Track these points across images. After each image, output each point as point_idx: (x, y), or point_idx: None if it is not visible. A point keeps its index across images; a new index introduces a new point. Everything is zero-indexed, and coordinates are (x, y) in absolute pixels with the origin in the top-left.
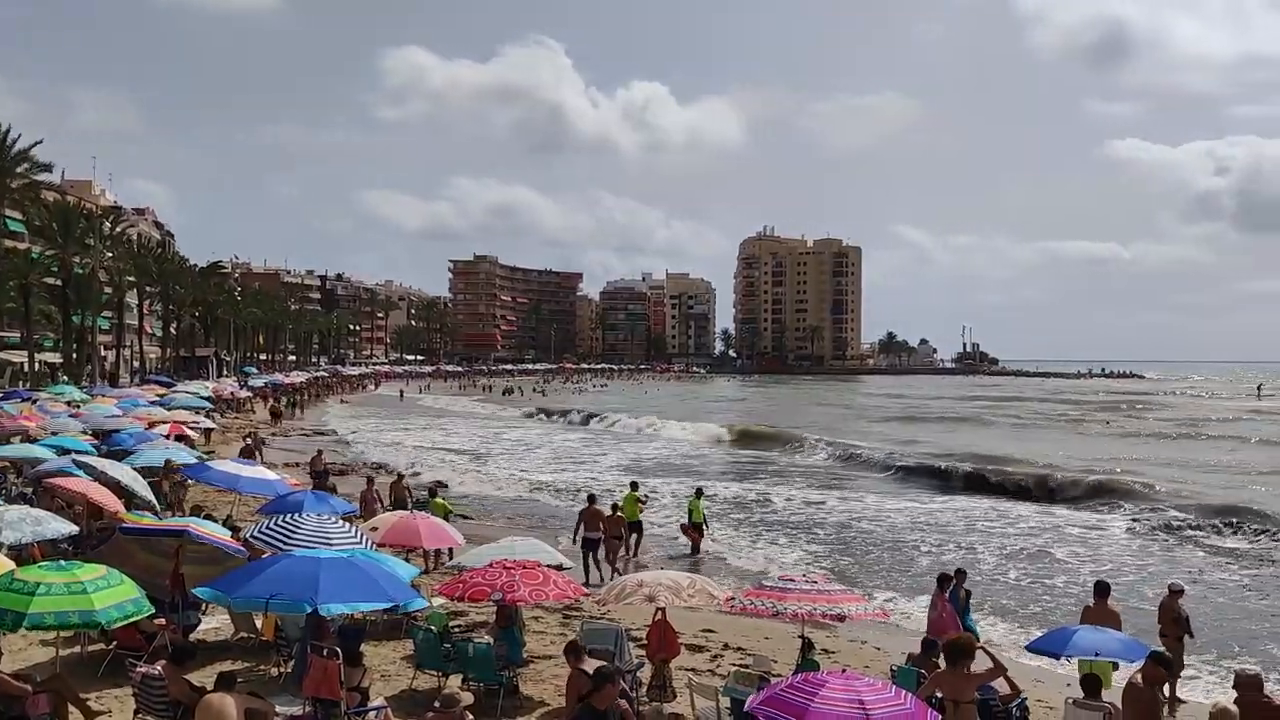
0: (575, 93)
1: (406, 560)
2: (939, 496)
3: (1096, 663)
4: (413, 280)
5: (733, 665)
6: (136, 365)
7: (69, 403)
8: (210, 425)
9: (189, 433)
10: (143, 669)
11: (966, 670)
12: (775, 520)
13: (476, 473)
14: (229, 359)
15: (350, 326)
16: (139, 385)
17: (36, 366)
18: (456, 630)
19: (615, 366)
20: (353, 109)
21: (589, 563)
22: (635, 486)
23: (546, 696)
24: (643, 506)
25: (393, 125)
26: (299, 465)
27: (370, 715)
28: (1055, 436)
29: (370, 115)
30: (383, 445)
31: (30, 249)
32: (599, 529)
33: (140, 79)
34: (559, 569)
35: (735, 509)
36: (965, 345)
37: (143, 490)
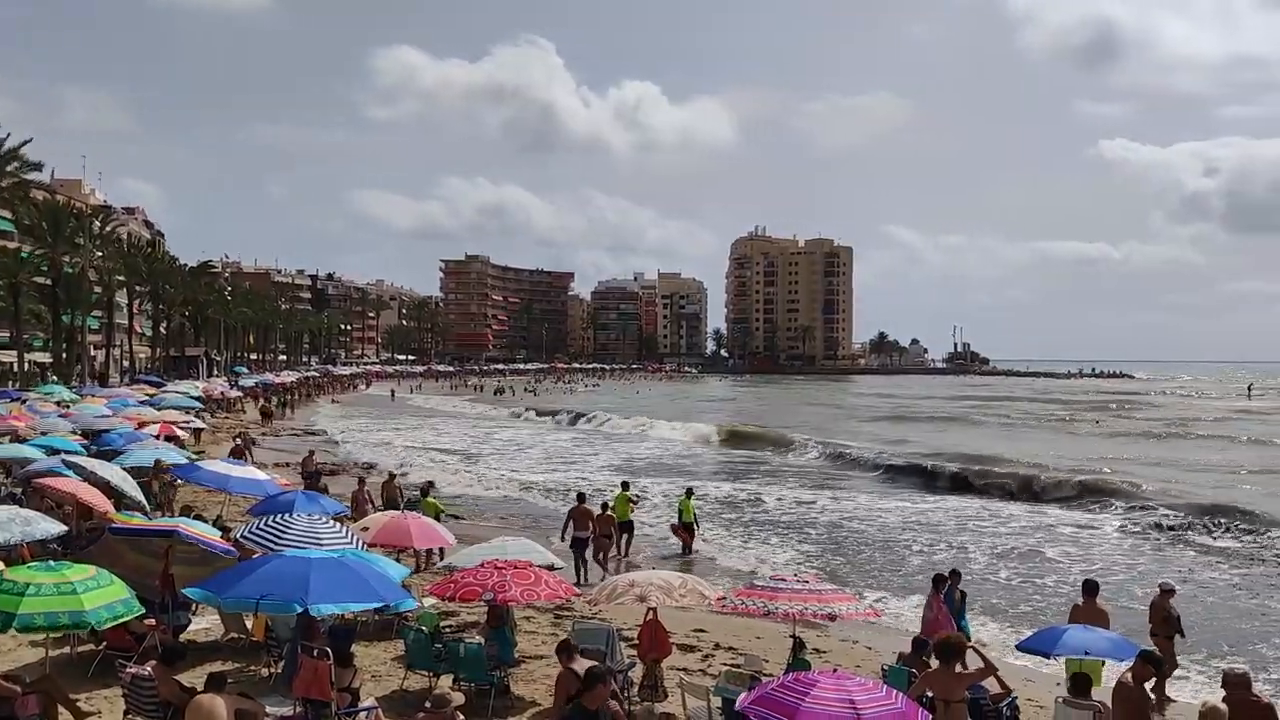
0: (566, 92)
1: (397, 560)
2: (930, 496)
3: (1086, 661)
4: (404, 280)
5: (724, 665)
6: (126, 365)
7: (58, 402)
8: (200, 425)
9: (179, 433)
10: (132, 670)
11: (957, 669)
12: (766, 520)
13: (467, 473)
14: (219, 359)
15: (341, 326)
16: (129, 385)
17: (26, 366)
18: (448, 630)
19: (607, 366)
20: (344, 108)
21: (580, 562)
22: (626, 486)
23: (538, 697)
24: (634, 506)
25: (384, 125)
26: (289, 465)
27: (361, 716)
28: (1044, 436)
29: (361, 115)
30: (373, 445)
31: (20, 248)
32: (588, 528)
33: (130, 78)
34: (550, 569)
35: (726, 509)
36: (956, 345)
37: (132, 490)
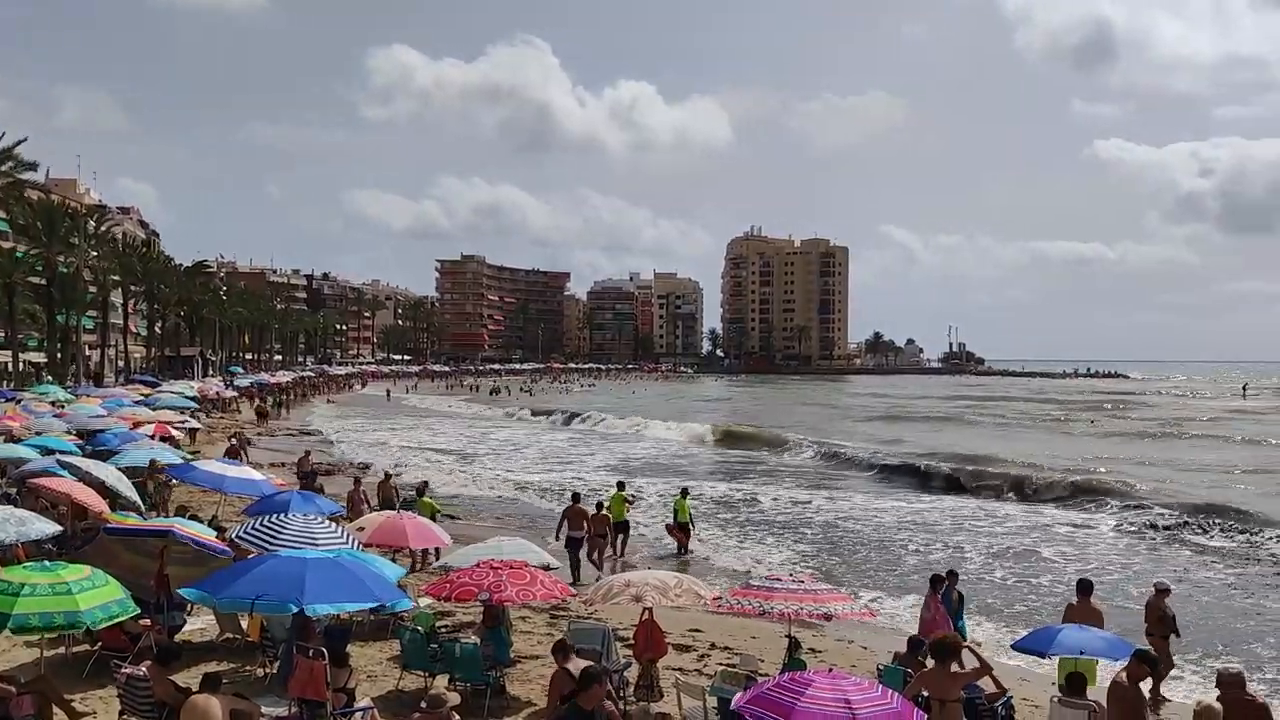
0: (562, 92)
1: (393, 560)
2: (926, 496)
3: (1080, 661)
4: (399, 280)
5: (719, 665)
6: (121, 365)
7: (53, 403)
8: (195, 425)
9: (174, 433)
10: (128, 670)
11: (952, 669)
12: (762, 520)
13: (463, 473)
14: (214, 359)
15: (337, 326)
16: (124, 385)
17: (21, 366)
18: (443, 630)
19: (603, 366)
20: (339, 108)
21: (575, 562)
22: (622, 486)
23: (533, 696)
24: (629, 506)
25: (379, 125)
26: (285, 465)
27: (356, 716)
28: (1040, 436)
29: (357, 115)
30: (368, 445)
31: (14, 248)
32: (582, 527)
33: (125, 78)
34: (546, 569)
35: (722, 509)
36: (951, 345)
37: (127, 491)
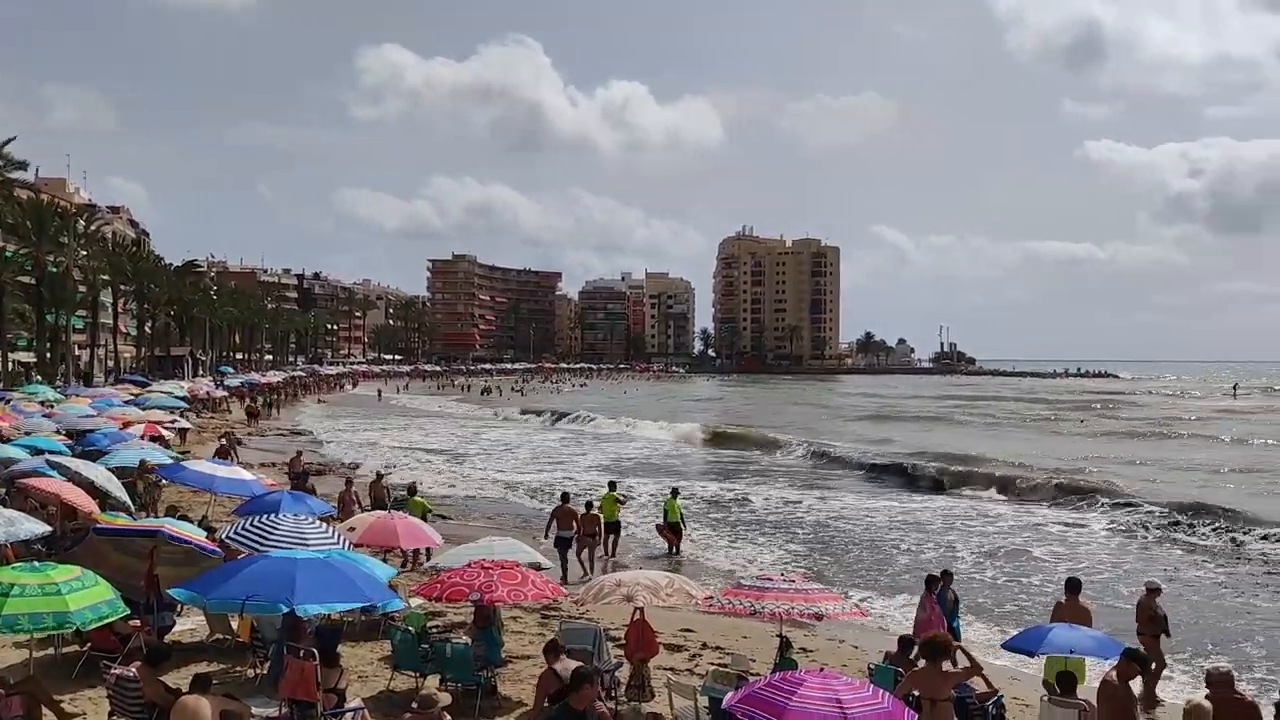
0: (554, 92)
1: (384, 560)
2: (917, 495)
3: (1069, 659)
4: (391, 279)
5: (711, 664)
6: (111, 365)
7: (43, 402)
8: (185, 425)
9: (164, 433)
10: (117, 671)
11: (943, 668)
12: (753, 520)
13: (453, 473)
14: (204, 358)
15: (328, 326)
16: (113, 385)
17: (10, 366)
18: (434, 631)
19: (594, 366)
20: (330, 108)
21: (564, 562)
22: (613, 486)
23: (525, 696)
24: (621, 506)
25: (370, 124)
26: (275, 465)
27: (347, 716)
28: (1029, 435)
29: (347, 114)
30: (359, 445)
31: (4, 247)
32: (572, 527)
33: (115, 77)
34: (538, 569)
35: (713, 508)
36: (943, 345)
37: (117, 491)
